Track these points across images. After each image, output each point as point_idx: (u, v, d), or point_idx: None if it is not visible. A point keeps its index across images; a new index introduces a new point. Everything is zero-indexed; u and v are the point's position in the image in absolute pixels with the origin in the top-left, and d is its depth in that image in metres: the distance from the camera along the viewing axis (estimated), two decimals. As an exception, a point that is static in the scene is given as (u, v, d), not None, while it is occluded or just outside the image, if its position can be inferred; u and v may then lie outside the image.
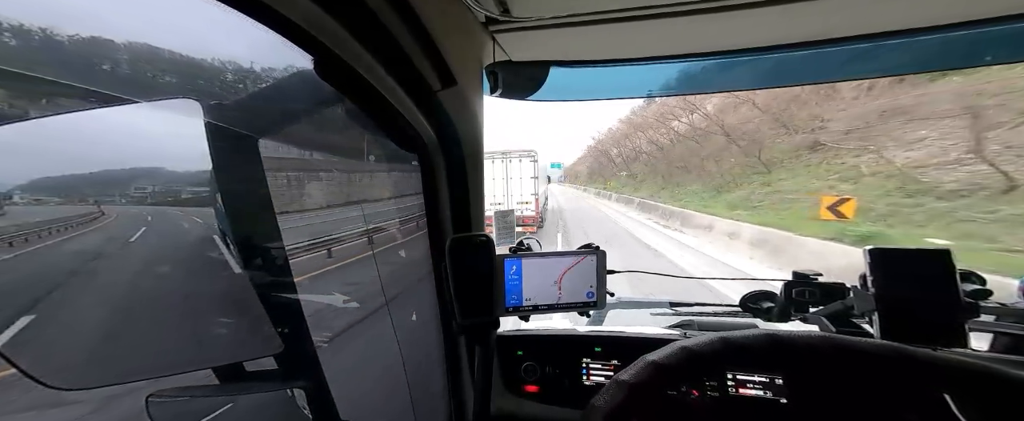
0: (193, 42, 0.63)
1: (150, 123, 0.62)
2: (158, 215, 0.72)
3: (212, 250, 0.66)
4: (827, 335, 0.49)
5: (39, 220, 0.59)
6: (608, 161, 45.80)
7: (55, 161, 0.55)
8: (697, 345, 0.48)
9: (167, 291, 0.63)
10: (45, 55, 0.51)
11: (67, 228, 0.62)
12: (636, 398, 0.44)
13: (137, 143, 0.63)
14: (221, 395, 0.64)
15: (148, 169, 0.73)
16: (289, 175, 0.89)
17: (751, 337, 0.49)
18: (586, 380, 1.04)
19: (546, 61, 1.02)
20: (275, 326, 0.65)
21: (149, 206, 0.71)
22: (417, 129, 0.79)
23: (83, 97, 0.56)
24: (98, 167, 0.62)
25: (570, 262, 0.93)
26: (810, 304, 1.00)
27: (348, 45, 0.54)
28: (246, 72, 0.72)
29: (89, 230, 0.64)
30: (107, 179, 0.67)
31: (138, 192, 0.71)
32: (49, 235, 0.60)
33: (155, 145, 0.66)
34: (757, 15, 0.76)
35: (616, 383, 0.45)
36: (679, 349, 0.48)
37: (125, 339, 0.55)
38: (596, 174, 54.73)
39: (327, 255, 1.08)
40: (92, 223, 0.65)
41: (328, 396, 0.72)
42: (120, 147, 0.60)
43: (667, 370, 0.46)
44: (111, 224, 0.67)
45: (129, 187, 0.70)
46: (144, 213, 0.71)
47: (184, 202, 0.76)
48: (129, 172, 0.70)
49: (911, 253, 0.86)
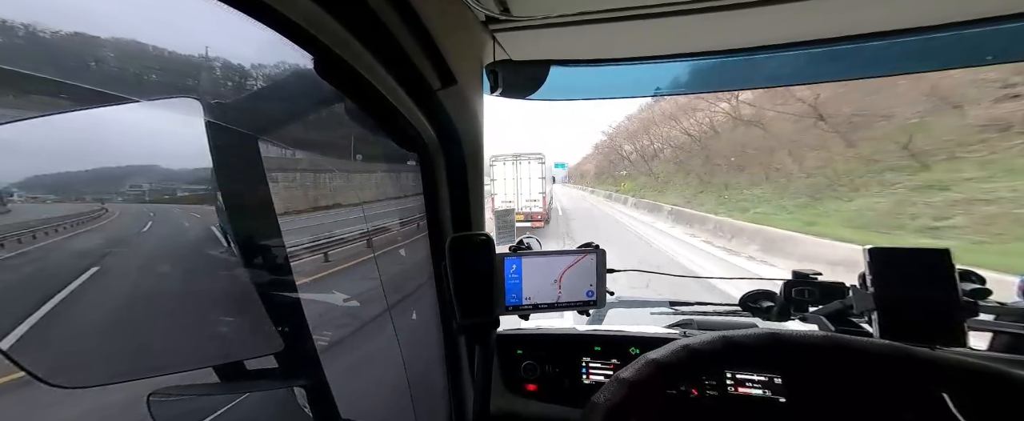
0: (193, 42, 0.63)
1: (150, 122, 0.62)
2: (161, 212, 0.73)
3: (215, 248, 0.66)
4: (829, 334, 0.50)
5: (46, 217, 0.60)
6: (620, 158, 40.72)
7: (55, 159, 0.56)
8: (698, 343, 0.48)
9: (173, 290, 0.63)
10: (44, 53, 0.51)
11: (75, 225, 0.63)
12: (636, 396, 0.44)
13: (137, 142, 0.63)
14: (222, 394, 0.64)
15: (142, 166, 0.73)
16: (288, 175, 0.89)
17: (752, 336, 0.49)
18: (586, 379, 1.05)
19: (546, 60, 1.02)
20: (276, 325, 0.66)
21: (149, 203, 0.71)
22: (417, 128, 0.79)
23: (83, 96, 0.56)
24: (97, 165, 0.62)
25: (570, 261, 0.93)
26: (809, 303, 1.00)
27: (348, 45, 0.54)
28: (246, 71, 0.72)
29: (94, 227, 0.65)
30: (106, 176, 0.68)
31: (134, 190, 0.71)
32: (57, 232, 0.61)
33: (155, 143, 0.66)
34: (757, 15, 0.76)
35: (617, 381, 0.45)
36: (680, 348, 0.48)
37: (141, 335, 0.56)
38: (605, 173, 48.75)
39: (324, 259, 1.08)
40: (96, 221, 0.66)
41: (329, 395, 0.72)
42: (120, 145, 0.60)
43: (668, 368, 0.46)
44: (115, 222, 0.68)
45: (124, 184, 0.71)
46: (146, 210, 0.72)
47: (182, 200, 0.76)
48: (124, 169, 0.70)
49: (910, 252, 0.86)
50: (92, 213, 0.66)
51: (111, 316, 0.57)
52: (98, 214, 0.67)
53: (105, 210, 0.68)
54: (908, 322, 0.83)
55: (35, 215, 0.60)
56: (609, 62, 1.03)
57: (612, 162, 44.02)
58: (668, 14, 0.76)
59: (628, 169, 35.92)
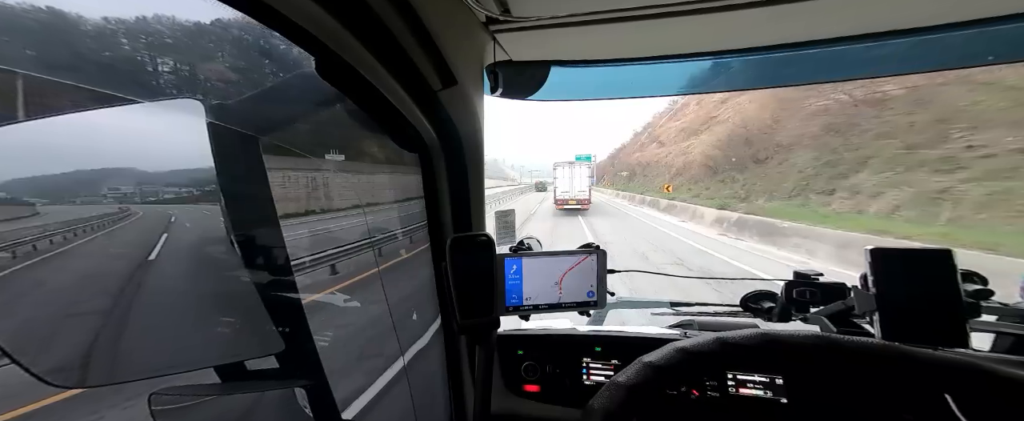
0: (194, 41, 0.63)
1: (151, 122, 0.62)
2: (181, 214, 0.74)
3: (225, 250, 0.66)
4: (821, 334, 0.50)
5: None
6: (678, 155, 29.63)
7: (58, 160, 0.56)
8: (693, 345, 0.48)
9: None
10: (48, 55, 0.52)
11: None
12: (634, 399, 0.44)
13: (138, 142, 0.63)
14: (223, 393, 0.64)
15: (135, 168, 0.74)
16: (288, 175, 0.90)
17: (746, 337, 0.49)
18: (586, 380, 1.05)
19: (546, 61, 1.02)
20: (277, 325, 0.66)
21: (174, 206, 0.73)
22: (418, 129, 0.79)
23: (82, 97, 0.56)
24: (100, 165, 0.63)
25: (571, 262, 0.93)
26: (811, 304, 1.00)
27: (349, 45, 0.54)
28: (246, 72, 0.73)
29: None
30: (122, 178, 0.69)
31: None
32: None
33: (155, 144, 0.66)
34: (757, 15, 0.76)
35: (613, 385, 0.45)
36: (674, 350, 0.48)
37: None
38: (650, 174, 37.58)
39: (331, 271, 1.08)
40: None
41: (329, 395, 0.72)
42: (122, 146, 0.61)
43: (663, 371, 0.46)
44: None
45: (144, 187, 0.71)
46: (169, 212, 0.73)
47: (183, 200, 0.76)
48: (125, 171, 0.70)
49: (912, 253, 0.86)
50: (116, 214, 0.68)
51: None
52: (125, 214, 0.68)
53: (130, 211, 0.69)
54: (910, 323, 0.83)
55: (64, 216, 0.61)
56: (609, 62, 1.03)
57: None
58: (668, 14, 0.76)
59: (713, 175, 25.77)
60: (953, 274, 0.82)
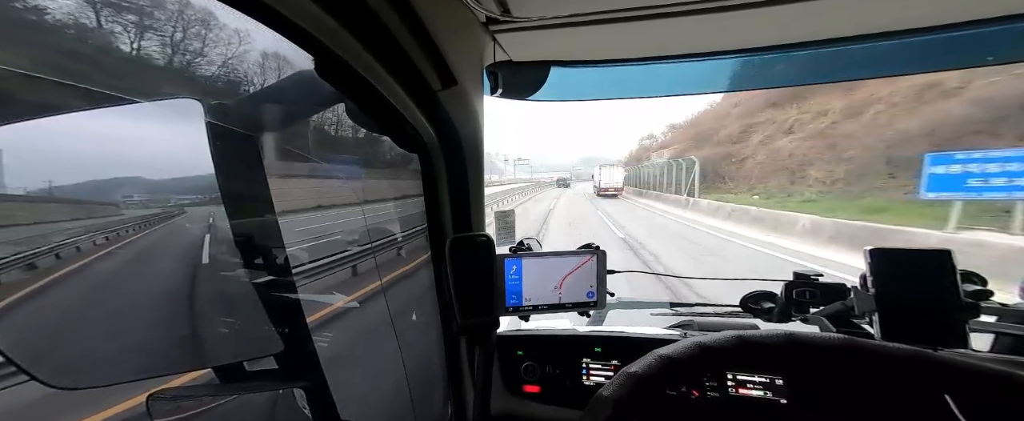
0: (194, 41, 0.63)
1: (151, 122, 0.62)
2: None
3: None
4: (845, 336, 0.48)
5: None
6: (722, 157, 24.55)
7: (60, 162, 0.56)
8: (713, 341, 0.47)
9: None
10: (45, 56, 0.51)
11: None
12: (644, 391, 0.43)
13: (137, 143, 0.63)
14: (223, 394, 0.64)
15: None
16: (287, 174, 0.90)
17: (768, 336, 0.48)
18: (586, 380, 1.04)
19: (547, 61, 1.02)
20: (277, 326, 0.66)
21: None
22: (417, 129, 0.79)
23: (82, 96, 0.56)
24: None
25: (570, 262, 0.93)
26: (810, 304, 1.00)
27: (348, 45, 0.54)
28: (246, 72, 0.72)
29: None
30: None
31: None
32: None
33: (155, 145, 0.66)
34: (757, 15, 0.76)
35: (625, 375, 0.44)
36: (694, 344, 0.47)
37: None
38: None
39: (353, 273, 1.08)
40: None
41: (328, 396, 0.72)
42: (121, 146, 0.61)
43: (679, 364, 0.45)
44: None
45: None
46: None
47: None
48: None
49: (911, 253, 0.86)
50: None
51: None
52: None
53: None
54: (909, 323, 0.83)
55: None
56: (609, 62, 1.02)
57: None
58: (668, 15, 0.76)
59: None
60: (953, 274, 0.82)
